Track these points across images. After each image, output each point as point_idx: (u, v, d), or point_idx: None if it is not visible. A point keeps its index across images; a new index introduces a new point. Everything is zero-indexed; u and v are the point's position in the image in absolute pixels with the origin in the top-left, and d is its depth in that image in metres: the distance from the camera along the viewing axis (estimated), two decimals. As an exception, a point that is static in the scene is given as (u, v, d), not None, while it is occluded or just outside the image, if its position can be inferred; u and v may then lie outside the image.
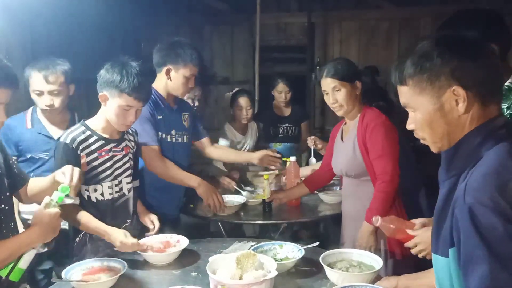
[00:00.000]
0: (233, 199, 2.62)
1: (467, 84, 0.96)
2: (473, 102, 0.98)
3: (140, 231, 2.10)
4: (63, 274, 1.60)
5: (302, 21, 5.24)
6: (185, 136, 2.48)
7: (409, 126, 1.09)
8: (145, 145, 2.24)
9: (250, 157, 2.71)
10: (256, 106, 4.55)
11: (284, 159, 2.87)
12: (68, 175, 1.49)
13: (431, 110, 1.01)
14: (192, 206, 2.65)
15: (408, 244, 1.59)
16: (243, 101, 3.46)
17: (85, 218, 1.79)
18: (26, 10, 3.13)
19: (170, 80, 2.35)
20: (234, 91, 3.68)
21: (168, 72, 2.34)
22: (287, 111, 3.86)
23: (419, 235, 1.54)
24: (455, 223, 0.93)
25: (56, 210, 1.41)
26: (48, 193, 1.46)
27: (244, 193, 2.75)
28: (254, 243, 1.91)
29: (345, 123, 2.29)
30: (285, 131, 3.86)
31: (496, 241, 0.85)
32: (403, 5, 4.96)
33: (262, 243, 1.89)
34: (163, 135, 2.35)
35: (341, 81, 2.13)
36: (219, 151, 2.75)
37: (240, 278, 1.52)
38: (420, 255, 1.56)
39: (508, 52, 1.47)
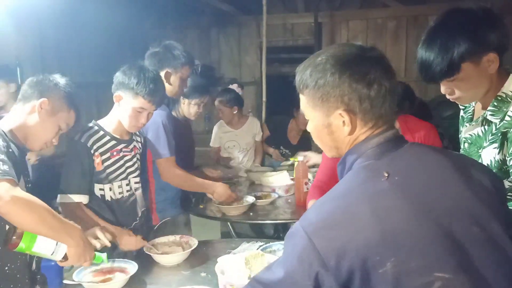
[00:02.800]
0: (243, 199, 2.63)
1: (354, 108, 0.96)
2: (359, 125, 0.98)
3: (148, 231, 2.12)
4: (74, 276, 1.62)
5: (309, 21, 5.25)
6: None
7: (308, 128, 1.09)
8: (161, 157, 2.26)
9: (209, 189, 2.46)
10: (264, 107, 4.56)
11: (292, 159, 2.89)
12: (102, 238, 1.64)
13: (320, 125, 1.02)
14: (201, 206, 2.66)
15: None
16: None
17: (89, 216, 1.81)
18: (35, 17, 3.18)
19: (169, 85, 2.35)
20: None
21: (168, 76, 2.34)
22: (296, 140, 3.86)
23: None
24: None
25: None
26: None
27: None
28: (262, 243, 1.91)
29: None
30: (284, 153, 3.89)
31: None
32: (410, 3, 4.94)
33: (271, 243, 1.89)
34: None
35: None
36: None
37: (249, 278, 1.52)
38: None
39: (505, 54, 1.30)
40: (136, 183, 2.01)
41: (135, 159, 2.02)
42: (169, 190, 2.41)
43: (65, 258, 1.42)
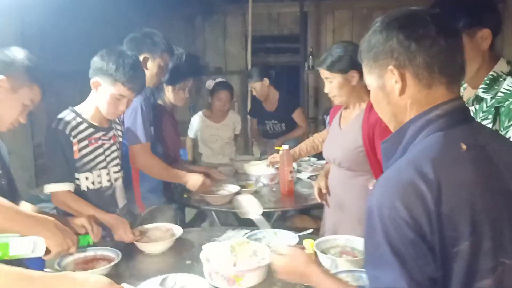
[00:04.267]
0: (227, 188, 2.62)
1: (404, 64, 0.92)
2: (413, 85, 0.93)
3: (132, 220, 2.09)
4: (56, 264, 1.60)
5: (295, 11, 5.23)
6: None
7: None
8: (136, 142, 2.21)
9: (182, 179, 2.43)
10: (249, 97, 4.57)
11: (277, 147, 2.89)
12: (87, 225, 1.64)
13: (375, 88, 1.00)
14: (185, 195, 2.65)
15: None
16: (223, 94, 3.54)
17: (81, 205, 1.79)
18: (16, 3, 3.09)
19: (147, 70, 2.30)
20: (216, 80, 3.71)
21: (145, 61, 2.30)
22: (273, 106, 3.89)
23: None
24: None
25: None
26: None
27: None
28: (247, 231, 1.92)
29: (346, 108, 2.14)
30: (272, 128, 3.92)
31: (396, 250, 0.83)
32: (395, -7, 4.94)
33: (256, 231, 1.89)
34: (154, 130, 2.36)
35: (332, 72, 1.99)
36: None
37: (234, 265, 1.53)
38: None
39: (496, 38, 1.39)
40: (115, 172, 1.98)
41: (114, 148, 1.98)
42: (154, 178, 2.39)
43: (48, 251, 1.40)
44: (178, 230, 1.92)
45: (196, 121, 3.71)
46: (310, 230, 1.90)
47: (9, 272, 1.10)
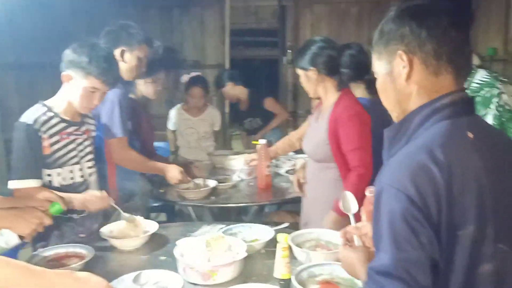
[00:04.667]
0: (204, 183, 2.60)
1: (414, 50, 0.94)
2: (421, 71, 0.95)
3: (104, 219, 2.05)
4: (28, 261, 1.55)
5: (273, 4, 5.20)
6: None
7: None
8: (114, 136, 2.18)
9: (161, 171, 2.42)
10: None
11: (254, 142, 2.89)
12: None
13: (383, 74, 1.01)
14: (162, 191, 2.62)
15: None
16: (196, 90, 3.51)
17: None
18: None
19: (124, 63, 2.27)
20: (191, 75, 3.69)
21: (122, 54, 2.27)
22: (246, 104, 3.92)
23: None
24: None
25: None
26: None
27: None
28: (223, 226, 1.90)
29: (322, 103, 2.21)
30: (250, 125, 3.96)
31: (395, 228, 0.85)
32: (372, -12, 4.98)
33: (232, 225, 1.88)
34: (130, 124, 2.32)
35: (296, 68, 2.11)
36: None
37: (209, 260, 1.52)
38: None
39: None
40: (89, 167, 1.94)
41: (87, 143, 1.94)
42: (131, 172, 2.35)
43: (21, 237, 1.38)
44: (152, 226, 1.89)
45: (174, 114, 3.68)
46: (286, 224, 1.90)
47: (11, 264, 1.08)
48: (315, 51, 2.05)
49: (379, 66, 1.03)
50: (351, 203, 1.45)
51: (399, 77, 0.97)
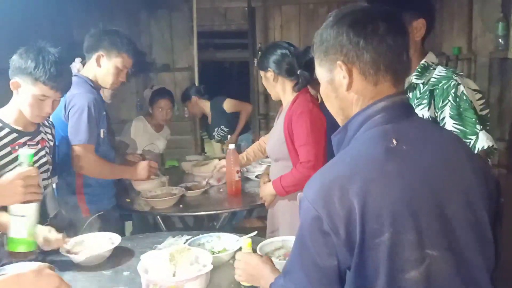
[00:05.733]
0: (171, 191, 2.53)
1: (352, 59, 0.94)
2: (360, 81, 0.95)
3: (72, 226, 1.95)
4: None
5: (242, 6, 5.15)
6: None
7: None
8: (78, 142, 2.09)
9: (127, 174, 2.40)
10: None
11: (224, 147, 2.83)
12: None
13: (325, 83, 1.01)
14: (128, 200, 2.54)
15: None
16: (163, 103, 3.41)
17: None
18: None
19: (99, 68, 2.19)
20: (153, 88, 3.61)
21: (98, 58, 2.19)
22: (210, 116, 3.92)
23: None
24: None
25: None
26: None
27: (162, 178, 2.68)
28: (189, 236, 1.84)
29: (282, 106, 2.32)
30: (219, 135, 3.92)
31: (301, 243, 0.92)
32: (340, -12, 4.99)
33: (200, 235, 1.83)
34: (102, 132, 2.23)
35: (260, 69, 2.24)
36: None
37: (174, 275, 1.45)
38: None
39: (431, 32, 1.48)
40: (44, 179, 1.84)
41: (43, 153, 1.84)
42: (101, 180, 2.25)
43: None
44: (116, 239, 1.81)
45: (136, 124, 3.46)
46: (255, 233, 1.85)
47: None
48: (273, 53, 2.17)
49: (321, 73, 1.02)
50: None
51: (340, 86, 0.98)
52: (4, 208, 1.51)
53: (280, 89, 2.20)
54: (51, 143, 1.93)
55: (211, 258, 1.54)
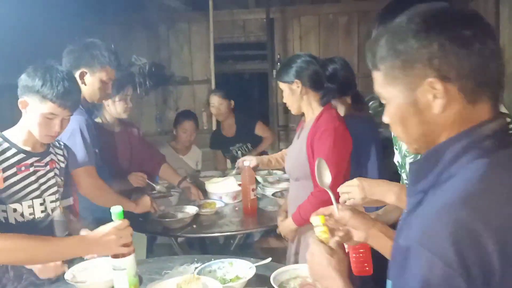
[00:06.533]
0: (185, 210, 2.45)
1: (449, 75, 0.75)
2: (457, 99, 0.76)
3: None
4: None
5: (261, 17, 5.10)
6: None
7: (384, 119, 0.88)
8: (78, 166, 2.02)
9: (128, 206, 2.21)
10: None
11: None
12: None
13: (403, 104, 0.81)
14: (141, 219, 2.46)
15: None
16: (188, 125, 3.35)
17: None
18: None
19: (84, 85, 2.14)
20: (178, 111, 3.55)
21: (82, 76, 2.14)
22: (232, 130, 3.67)
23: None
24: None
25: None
26: None
27: (158, 187, 2.67)
28: (199, 264, 1.74)
29: (304, 121, 2.16)
30: (237, 152, 3.70)
31: None
32: (360, -2, 4.88)
33: (211, 261, 1.73)
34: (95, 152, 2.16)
35: (280, 81, 2.08)
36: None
37: (180, 307, 1.36)
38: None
39: None
40: (53, 201, 1.78)
41: (51, 174, 1.79)
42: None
43: None
44: (124, 265, 1.72)
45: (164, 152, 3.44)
46: (269, 260, 1.74)
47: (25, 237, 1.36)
48: (300, 64, 2.03)
49: (392, 92, 0.82)
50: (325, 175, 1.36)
51: (428, 108, 0.78)
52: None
53: (305, 102, 2.06)
54: (62, 165, 1.88)
55: (220, 289, 1.44)
